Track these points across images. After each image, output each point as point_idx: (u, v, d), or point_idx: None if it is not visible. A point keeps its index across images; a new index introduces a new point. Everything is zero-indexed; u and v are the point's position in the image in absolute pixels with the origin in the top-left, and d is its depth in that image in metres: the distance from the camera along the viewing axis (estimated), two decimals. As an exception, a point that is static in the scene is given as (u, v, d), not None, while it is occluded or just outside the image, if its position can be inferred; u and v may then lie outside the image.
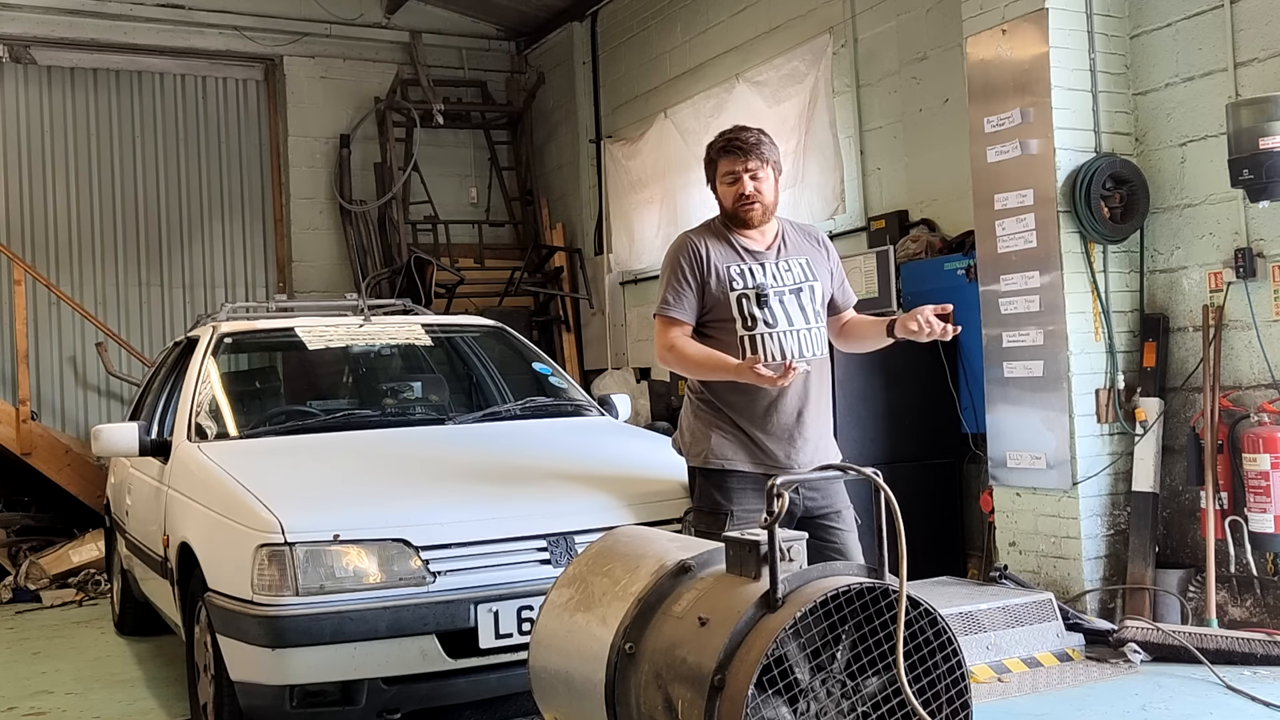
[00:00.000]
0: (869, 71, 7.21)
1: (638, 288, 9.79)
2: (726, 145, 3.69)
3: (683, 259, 3.61)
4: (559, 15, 10.52)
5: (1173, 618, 5.05)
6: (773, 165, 3.68)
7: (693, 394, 3.69)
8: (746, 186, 3.62)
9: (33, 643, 6.19)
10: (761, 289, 3.57)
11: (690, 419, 3.67)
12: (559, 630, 3.00)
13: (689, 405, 3.70)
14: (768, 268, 3.62)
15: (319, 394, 5.59)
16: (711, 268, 3.59)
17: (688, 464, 3.66)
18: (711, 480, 3.55)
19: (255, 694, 3.50)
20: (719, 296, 3.57)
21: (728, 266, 3.60)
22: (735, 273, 3.59)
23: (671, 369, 3.68)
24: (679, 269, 3.61)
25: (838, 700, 2.56)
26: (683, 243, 3.68)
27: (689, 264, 3.60)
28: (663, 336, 3.61)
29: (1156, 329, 5.32)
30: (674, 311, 3.59)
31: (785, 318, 3.57)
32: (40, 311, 9.68)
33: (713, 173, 3.76)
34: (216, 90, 10.55)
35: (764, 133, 3.72)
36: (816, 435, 3.61)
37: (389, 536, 3.54)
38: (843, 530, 3.59)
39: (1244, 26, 5.01)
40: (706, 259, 3.60)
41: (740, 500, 3.51)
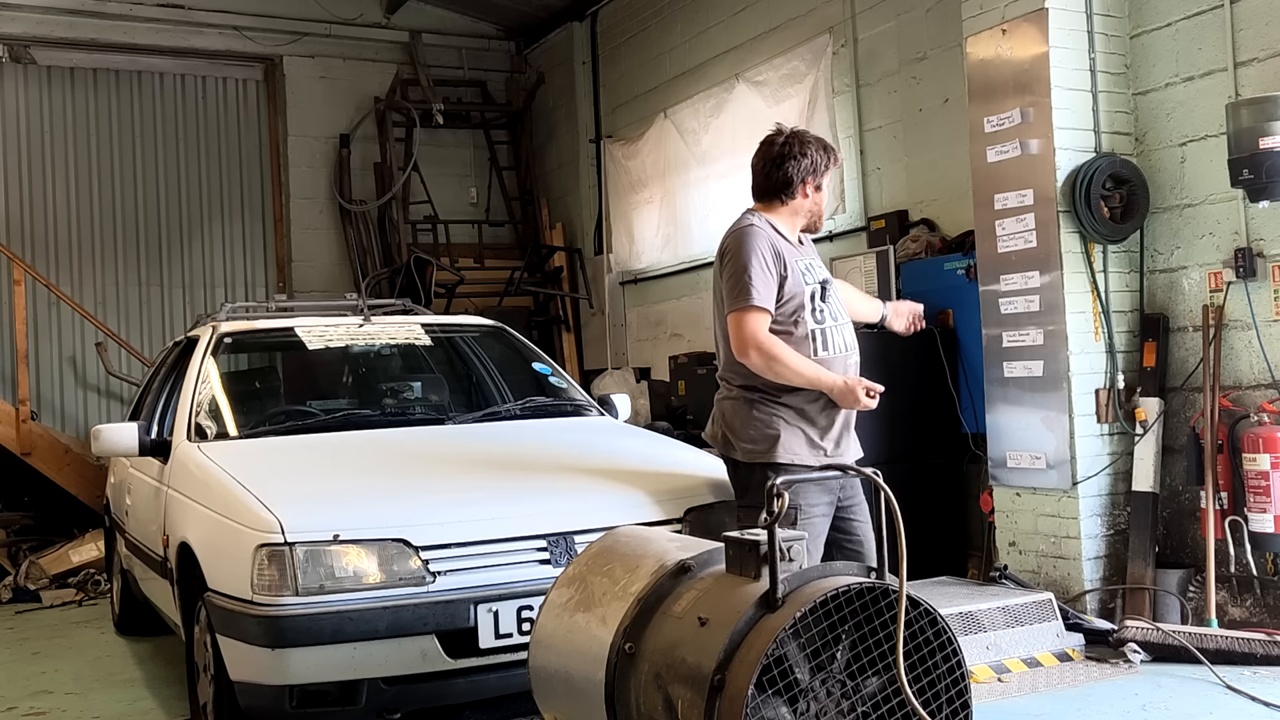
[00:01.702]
0: (869, 71, 7.21)
1: (638, 288, 9.79)
2: (835, 158, 3.79)
3: (765, 249, 3.60)
4: (559, 15, 10.52)
5: (1173, 618, 5.05)
6: None
7: (747, 390, 3.65)
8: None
9: (33, 643, 6.19)
10: (825, 282, 3.69)
11: (746, 414, 3.63)
12: (559, 630, 3.00)
13: (741, 401, 3.66)
14: (813, 266, 3.73)
15: (319, 394, 5.58)
16: (786, 260, 3.63)
17: (741, 460, 3.64)
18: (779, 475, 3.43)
19: (255, 694, 3.50)
20: (794, 290, 3.62)
21: (795, 260, 3.66)
22: (803, 267, 3.67)
23: (754, 367, 3.59)
24: (763, 258, 3.58)
25: (838, 700, 2.55)
26: (758, 230, 3.65)
27: (772, 254, 3.61)
28: (751, 331, 3.55)
29: (1156, 329, 5.32)
30: (763, 300, 3.55)
31: (836, 312, 3.72)
32: (40, 311, 9.69)
33: (817, 178, 3.75)
34: (216, 90, 10.55)
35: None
36: (852, 425, 3.73)
37: (389, 536, 3.54)
38: (862, 523, 3.71)
39: (1244, 26, 5.01)
40: (781, 250, 3.64)
41: (808, 494, 3.52)
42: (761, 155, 3.79)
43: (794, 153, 3.71)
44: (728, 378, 3.74)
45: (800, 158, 3.71)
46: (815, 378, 3.56)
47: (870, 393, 3.55)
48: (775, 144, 3.75)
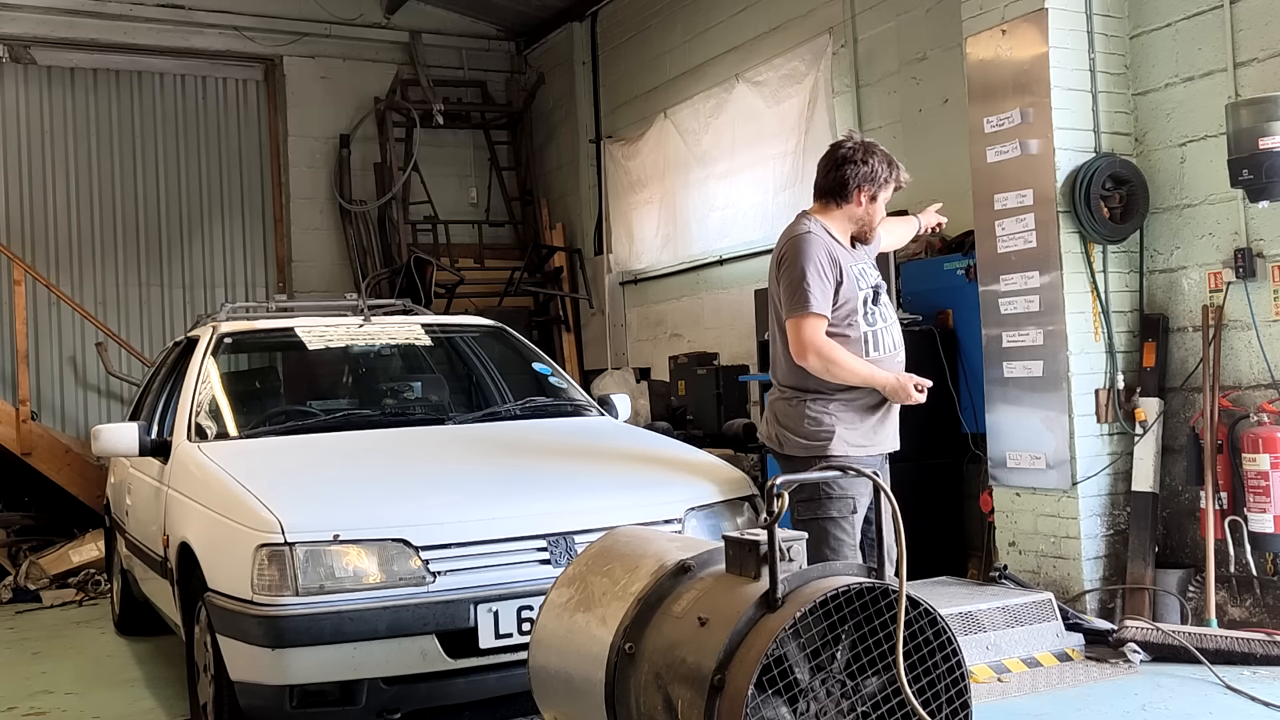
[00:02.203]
0: (869, 71, 7.21)
1: (638, 288, 9.79)
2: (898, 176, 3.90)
3: (822, 255, 3.75)
4: (559, 15, 10.53)
5: (1172, 618, 5.05)
6: None
7: (800, 391, 3.83)
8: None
9: (33, 643, 6.19)
10: (878, 287, 3.88)
11: (800, 414, 3.81)
12: (559, 630, 3.00)
13: (795, 401, 3.83)
14: (866, 270, 3.90)
15: (319, 394, 5.58)
16: (841, 265, 3.79)
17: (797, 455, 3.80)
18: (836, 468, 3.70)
19: (255, 694, 3.50)
20: (849, 294, 3.79)
21: (850, 265, 3.82)
22: (857, 272, 3.84)
23: (813, 369, 3.75)
24: (820, 264, 3.74)
25: (837, 700, 2.56)
26: (814, 237, 3.80)
27: (829, 260, 3.76)
28: (809, 335, 3.72)
29: (1156, 329, 5.32)
30: (820, 306, 3.72)
31: (886, 314, 3.91)
32: (40, 311, 9.69)
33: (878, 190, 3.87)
34: (216, 90, 10.55)
35: None
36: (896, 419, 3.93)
37: (389, 536, 3.54)
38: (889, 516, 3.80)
39: (1244, 26, 5.01)
40: (838, 256, 3.80)
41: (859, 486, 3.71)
42: (826, 156, 3.94)
43: (855, 158, 3.84)
44: (782, 380, 3.91)
45: (860, 164, 3.83)
46: (870, 376, 3.76)
47: (919, 388, 3.76)
48: (841, 147, 3.90)
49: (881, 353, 3.85)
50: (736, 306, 8.32)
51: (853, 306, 3.80)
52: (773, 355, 3.99)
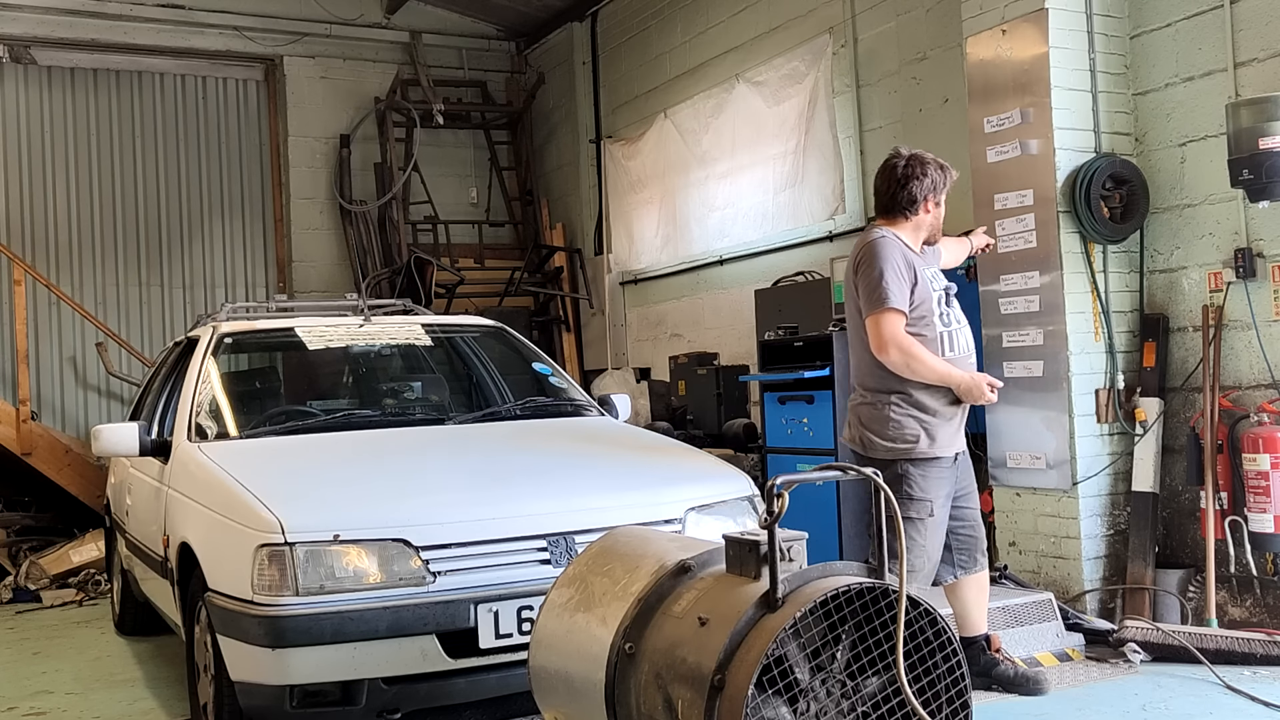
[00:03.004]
0: (869, 71, 7.21)
1: (638, 288, 9.79)
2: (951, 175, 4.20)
3: (899, 256, 4.01)
4: (559, 15, 10.53)
5: (1173, 618, 5.05)
6: None
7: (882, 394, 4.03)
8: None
9: (33, 643, 6.19)
10: (949, 289, 4.12)
11: (884, 417, 4.01)
12: (559, 630, 3.00)
13: (876, 405, 4.04)
14: (938, 274, 4.16)
15: (319, 394, 5.58)
16: (915, 268, 4.04)
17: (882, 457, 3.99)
18: (918, 468, 3.97)
19: (255, 694, 3.50)
20: (924, 295, 4.03)
21: (923, 268, 4.08)
22: (930, 275, 4.09)
23: (893, 365, 3.97)
24: (897, 264, 3.99)
25: (838, 700, 2.56)
26: (891, 241, 4.06)
27: (905, 262, 4.02)
28: (889, 331, 3.95)
29: (1156, 329, 5.33)
30: (899, 302, 3.95)
31: (958, 316, 4.16)
32: (40, 311, 9.69)
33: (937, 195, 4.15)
34: (216, 90, 10.56)
35: None
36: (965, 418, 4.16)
37: (389, 536, 3.54)
38: (973, 509, 4.22)
39: (1244, 26, 5.01)
40: (912, 260, 4.05)
41: (939, 488, 4.00)
42: (885, 177, 4.18)
43: (916, 173, 4.11)
44: (864, 383, 4.13)
45: (922, 178, 4.11)
46: (947, 374, 3.98)
47: (993, 387, 4.00)
48: (898, 167, 4.15)
49: (956, 353, 4.09)
50: (736, 306, 8.32)
51: (928, 307, 4.03)
52: (853, 361, 4.22)
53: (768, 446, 6.46)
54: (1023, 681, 4.22)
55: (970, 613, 4.28)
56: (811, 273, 7.22)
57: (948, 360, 4.04)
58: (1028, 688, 4.20)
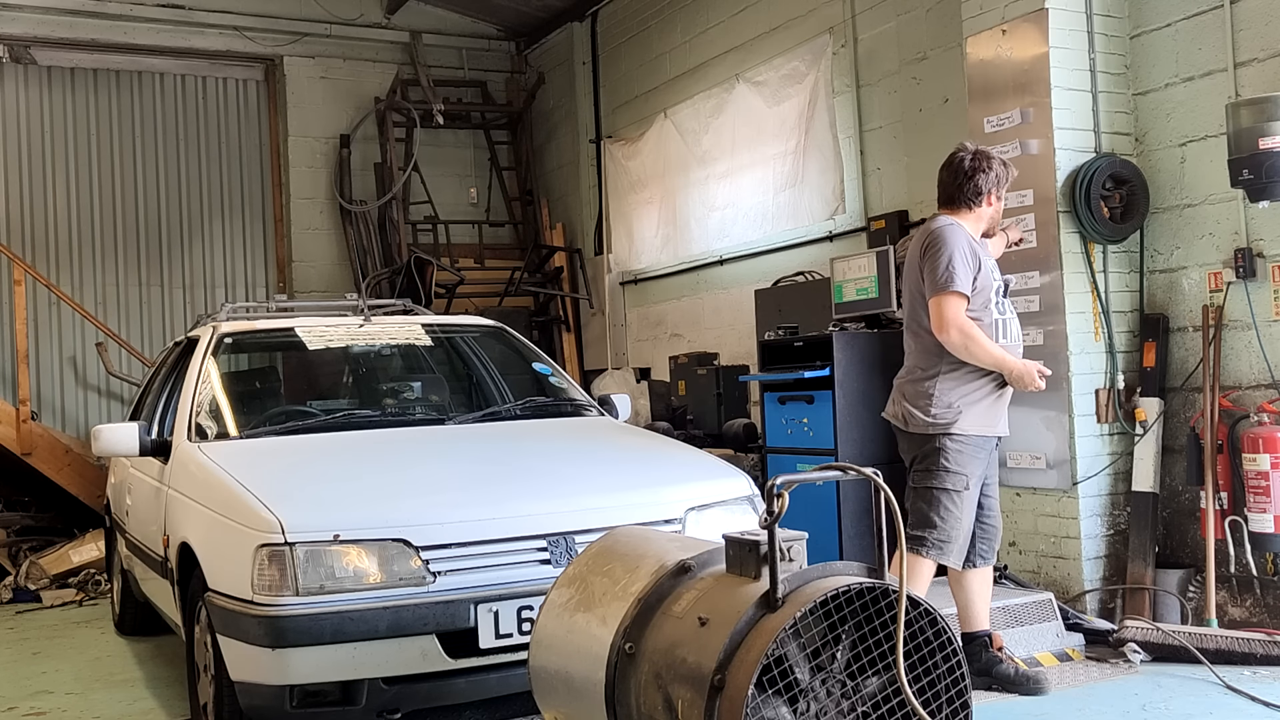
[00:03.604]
0: (869, 71, 7.21)
1: (638, 288, 9.79)
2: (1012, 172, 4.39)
3: (966, 244, 4.19)
4: (559, 15, 10.53)
5: (1173, 618, 5.05)
6: None
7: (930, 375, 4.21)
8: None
9: (33, 643, 6.19)
10: (1008, 282, 4.35)
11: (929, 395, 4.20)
12: (559, 630, 3.00)
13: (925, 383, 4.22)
14: (995, 265, 4.34)
15: (319, 394, 5.58)
16: (980, 257, 4.22)
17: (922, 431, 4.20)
18: (955, 443, 4.15)
19: (255, 694, 3.50)
20: (985, 283, 4.20)
21: (987, 258, 4.27)
22: (991, 265, 4.28)
23: (952, 345, 4.14)
24: (964, 251, 4.17)
25: (838, 700, 2.56)
26: (958, 229, 4.24)
27: (971, 250, 4.20)
28: (952, 313, 4.13)
29: (1156, 329, 5.33)
30: (963, 286, 4.13)
31: (1011, 307, 4.36)
32: (40, 311, 9.69)
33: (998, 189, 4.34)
34: (216, 90, 10.56)
35: None
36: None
37: (389, 536, 3.54)
38: (995, 499, 4.36)
39: (1244, 26, 5.01)
40: (976, 249, 4.22)
41: (974, 466, 4.19)
42: (953, 170, 4.34)
43: (983, 167, 4.28)
44: (915, 363, 4.31)
45: (988, 171, 4.29)
46: (1001, 359, 4.14)
47: (1043, 375, 4.16)
48: (965, 160, 4.31)
49: (1010, 341, 4.27)
50: (736, 306, 8.32)
51: (988, 295, 4.21)
52: (907, 344, 4.39)
53: (768, 446, 6.46)
54: (1023, 681, 4.22)
55: (974, 607, 4.30)
56: (811, 273, 7.22)
57: (1001, 346, 4.20)
58: (1028, 687, 4.21)
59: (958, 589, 4.33)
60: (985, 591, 4.35)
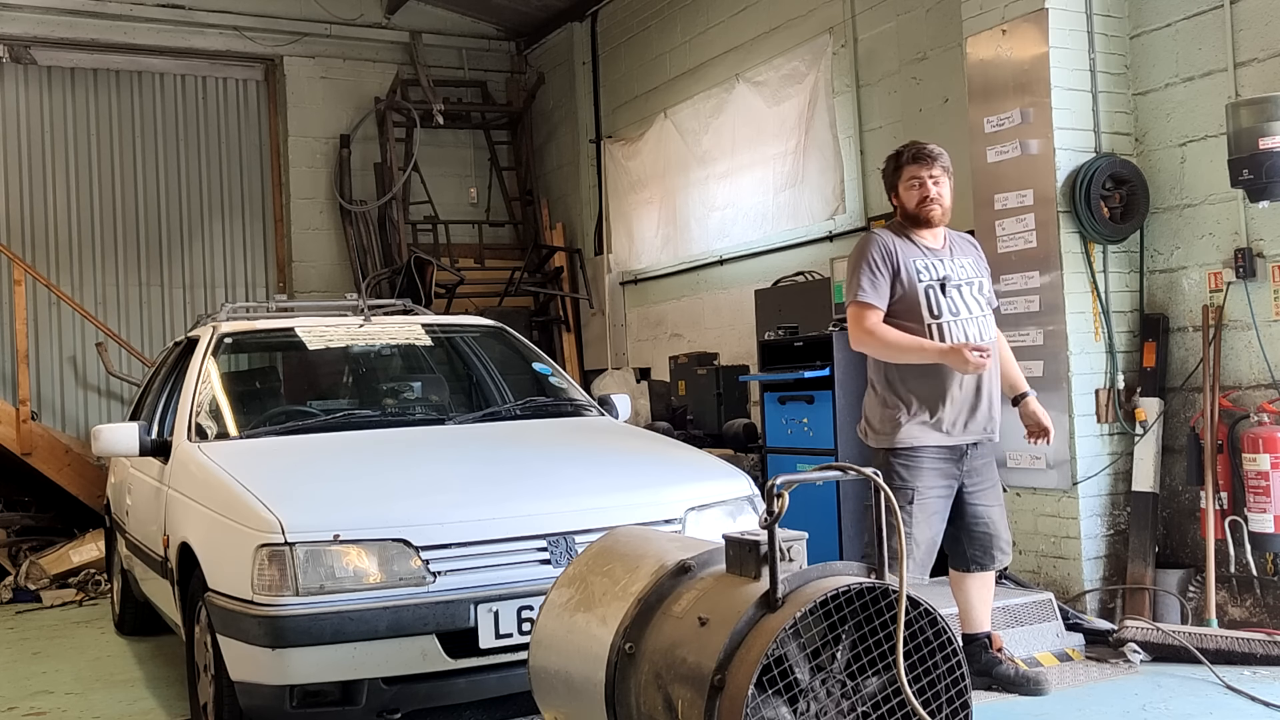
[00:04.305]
0: (869, 71, 7.21)
1: (638, 288, 9.79)
2: (915, 154, 4.16)
3: (874, 251, 4.08)
4: (559, 15, 10.53)
5: (1173, 618, 5.05)
6: (950, 174, 4.19)
7: (876, 384, 4.15)
8: (930, 189, 4.11)
9: (33, 643, 6.19)
10: (945, 279, 4.09)
11: (878, 407, 4.13)
12: (559, 630, 3.00)
13: (874, 395, 4.16)
14: (945, 262, 4.14)
15: (319, 394, 5.58)
16: (899, 261, 4.06)
17: (873, 446, 4.13)
18: (899, 458, 4.03)
19: (255, 694, 3.50)
20: (907, 288, 4.04)
21: (913, 260, 4.09)
22: (920, 266, 4.09)
23: (869, 352, 4.11)
24: (871, 260, 4.07)
25: (838, 700, 2.56)
26: (872, 238, 4.14)
27: (880, 256, 4.07)
28: (860, 322, 4.05)
29: (1156, 329, 5.33)
30: (869, 297, 4.04)
31: (965, 307, 4.10)
32: (40, 311, 9.69)
33: (895, 179, 4.20)
34: (216, 90, 10.55)
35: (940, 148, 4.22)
36: (981, 412, 4.11)
37: (389, 536, 3.54)
38: (991, 507, 4.21)
39: (1244, 26, 5.01)
40: (895, 252, 4.07)
41: (923, 478, 4.02)
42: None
43: (885, 168, 4.26)
44: (868, 377, 4.23)
45: (892, 168, 4.21)
46: (921, 347, 3.98)
47: (976, 351, 3.89)
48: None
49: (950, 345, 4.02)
50: (737, 306, 8.32)
51: (913, 299, 4.04)
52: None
53: (768, 446, 6.46)
54: (1023, 682, 4.22)
55: (975, 609, 4.29)
56: (811, 273, 7.22)
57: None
58: (1028, 688, 4.21)
59: (957, 591, 4.33)
60: (985, 594, 4.32)
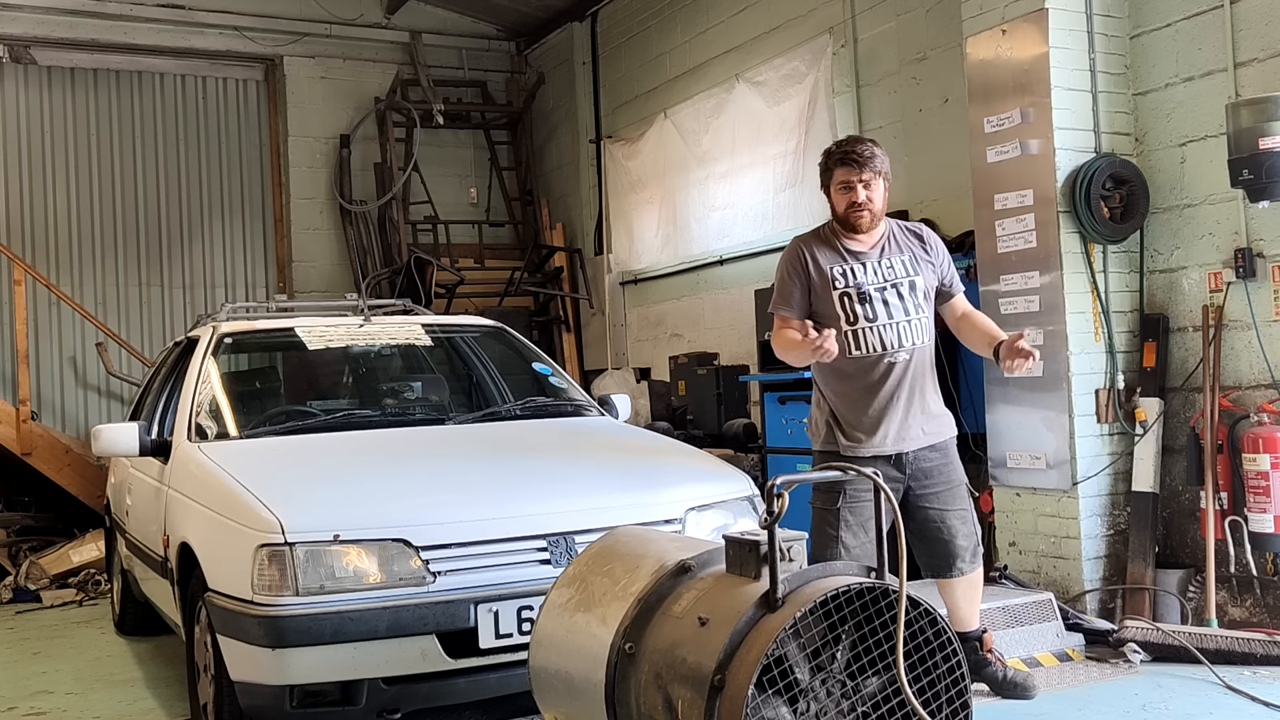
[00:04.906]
0: (869, 71, 7.21)
1: (638, 288, 9.79)
2: (844, 157, 4.03)
3: (790, 263, 4.07)
4: (559, 15, 10.53)
5: (1173, 618, 5.05)
6: (884, 176, 4.05)
7: (813, 389, 4.17)
8: (859, 195, 3.99)
9: (33, 643, 6.19)
10: (861, 287, 3.98)
11: (813, 411, 4.18)
12: (559, 630, 3.00)
13: (813, 399, 4.19)
14: (869, 266, 4.02)
15: (319, 394, 5.58)
16: (816, 269, 4.00)
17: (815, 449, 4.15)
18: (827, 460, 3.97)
19: (255, 694, 3.50)
20: (823, 295, 3.98)
21: (830, 268, 4.00)
22: (838, 273, 4.00)
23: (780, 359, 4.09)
24: (787, 271, 4.06)
25: (838, 700, 2.56)
26: (791, 248, 4.11)
27: (795, 267, 4.05)
28: (773, 333, 4.08)
29: (1156, 329, 5.33)
30: (781, 309, 4.05)
31: (885, 312, 3.98)
32: (40, 311, 9.69)
33: (827, 180, 4.10)
34: (216, 90, 10.56)
35: (876, 144, 4.08)
36: (914, 416, 4.00)
37: (389, 536, 3.54)
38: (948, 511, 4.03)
39: (1244, 26, 5.01)
40: (812, 261, 4.02)
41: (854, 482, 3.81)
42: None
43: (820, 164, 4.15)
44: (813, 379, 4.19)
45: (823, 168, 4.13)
46: (795, 345, 3.88)
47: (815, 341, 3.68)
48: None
49: (864, 351, 3.96)
50: (737, 306, 8.32)
51: (829, 307, 3.97)
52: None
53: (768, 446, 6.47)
54: (1010, 685, 4.13)
55: (960, 609, 4.17)
56: (811, 273, 7.21)
57: (851, 359, 3.94)
58: (1014, 691, 4.12)
59: (943, 593, 4.21)
60: (969, 594, 4.19)
